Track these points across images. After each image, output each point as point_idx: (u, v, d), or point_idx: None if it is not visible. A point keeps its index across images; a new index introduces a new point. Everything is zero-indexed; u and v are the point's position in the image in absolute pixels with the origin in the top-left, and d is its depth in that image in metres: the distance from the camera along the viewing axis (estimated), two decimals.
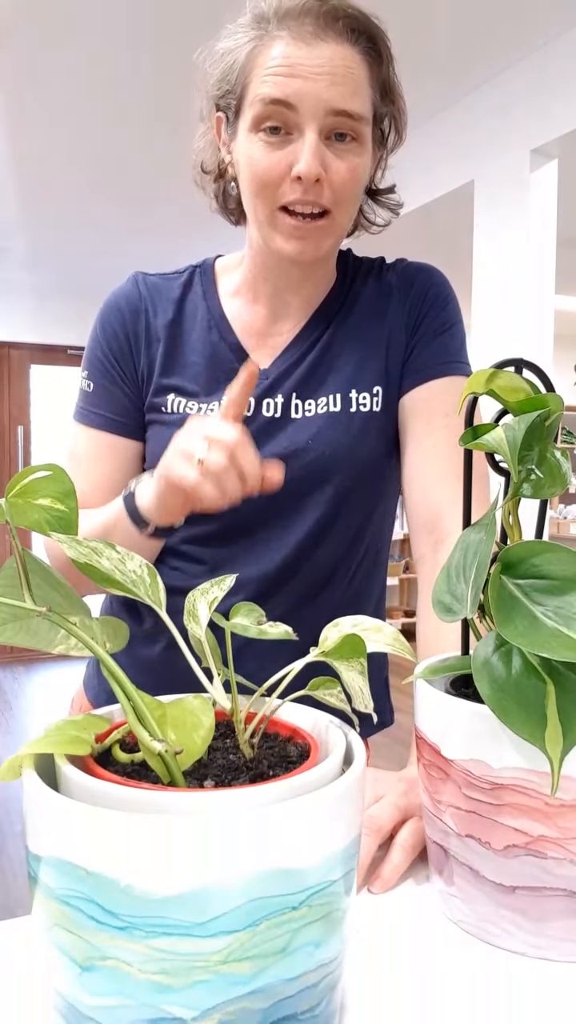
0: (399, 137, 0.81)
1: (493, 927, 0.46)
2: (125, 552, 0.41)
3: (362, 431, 0.80)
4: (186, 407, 0.81)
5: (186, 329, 0.84)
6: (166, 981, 0.30)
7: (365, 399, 0.81)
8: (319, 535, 0.80)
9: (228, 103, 0.75)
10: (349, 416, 0.80)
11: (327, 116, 0.69)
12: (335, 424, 0.80)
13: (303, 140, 0.69)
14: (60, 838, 0.31)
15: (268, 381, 0.81)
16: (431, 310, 0.83)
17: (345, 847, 0.34)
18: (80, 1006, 0.32)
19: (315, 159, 0.68)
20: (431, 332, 0.82)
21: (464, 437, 0.49)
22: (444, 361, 0.81)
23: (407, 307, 0.83)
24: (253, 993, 0.31)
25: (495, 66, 2.57)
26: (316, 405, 0.81)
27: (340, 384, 0.81)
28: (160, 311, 0.84)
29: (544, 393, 0.49)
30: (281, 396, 0.81)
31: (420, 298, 0.83)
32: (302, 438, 0.79)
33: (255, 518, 0.80)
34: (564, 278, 3.64)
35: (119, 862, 0.30)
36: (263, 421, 0.80)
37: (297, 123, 0.69)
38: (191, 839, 0.30)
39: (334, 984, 0.35)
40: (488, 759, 0.44)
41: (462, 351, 0.84)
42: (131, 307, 0.84)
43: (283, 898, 0.31)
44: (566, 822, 0.43)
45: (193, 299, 0.85)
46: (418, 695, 0.50)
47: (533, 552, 0.44)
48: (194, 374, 0.82)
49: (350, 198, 0.73)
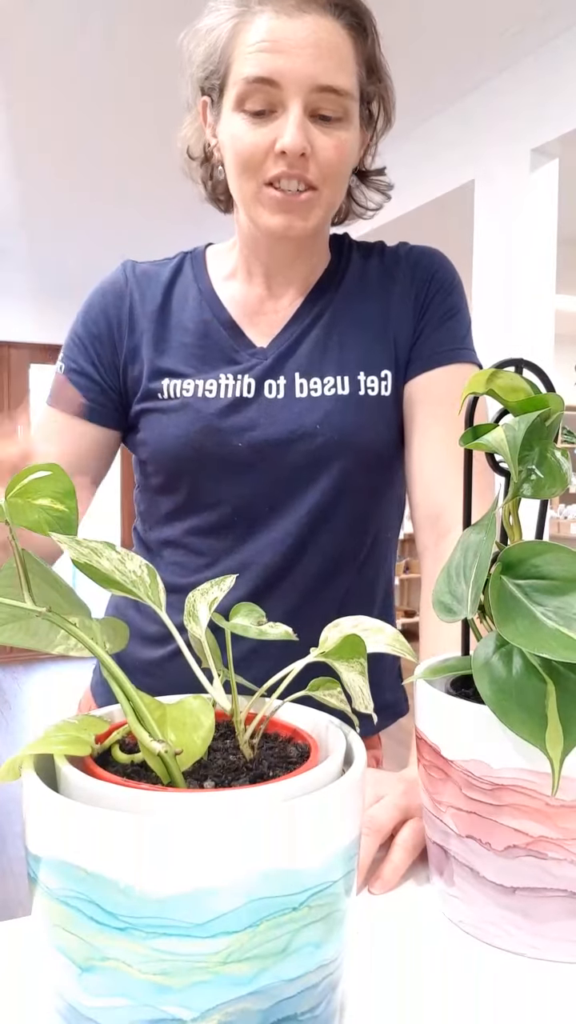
0: (388, 120, 0.79)
1: (493, 928, 0.46)
2: (125, 552, 0.40)
3: (372, 416, 0.78)
4: (181, 390, 0.79)
5: (175, 311, 0.82)
6: (166, 982, 0.30)
7: (374, 383, 0.79)
8: (323, 522, 0.78)
9: (212, 84, 0.73)
10: (359, 400, 0.78)
11: (311, 92, 0.67)
12: (344, 408, 0.77)
13: (287, 115, 0.67)
14: (60, 839, 0.31)
15: (269, 361, 0.79)
16: (438, 294, 0.81)
17: (345, 848, 0.34)
18: (80, 1007, 0.32)
19: (300, 132, 0.67)
20: (438, 317, 0.80)
21: (464, 437, 0.49)
22: (451, 348, 0.79)
23: (413, 291, 0.81)
24: (253, 994, 0.31)
25: (495, 66, 2.57)
26: (323, 386, 0.78)
27: (348, 366, 0.78)
28: (148, 297, 0.82)
29: (544, 393, 0.49)
30: (284, 377, 0.78)
31: (426, 282, 0.81)
32: (310, 421, 0.77)
33: (258, 505, 0.78)
34: (564, 278, 3.64)
35: (119, 863, 0.30)
36: (266, 403, 0.78)
37: (281, 100, 0.67)
38: (191, 840, 0.30)
39: (334, 985, 0.35)
40: (488, 760, 0.44)
41: (468, 337, 0.82)
42: (116, 292, 0.82)
43: (283, 899, 0.31)
44: (566, 823, 0.43)
45: (183, 283, 0.83)
46: (418, 695, 0.50)
47: (533, 552, 0.44)
48: (185, 355, 0.80)
49: (337, 175, 0.71)
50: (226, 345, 0.80)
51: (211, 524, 0.79)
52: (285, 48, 0.66)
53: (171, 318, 0.81)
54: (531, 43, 2.44)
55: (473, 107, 2.79)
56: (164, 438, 0.79)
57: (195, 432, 0.77)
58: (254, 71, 0.67)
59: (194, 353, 0.79)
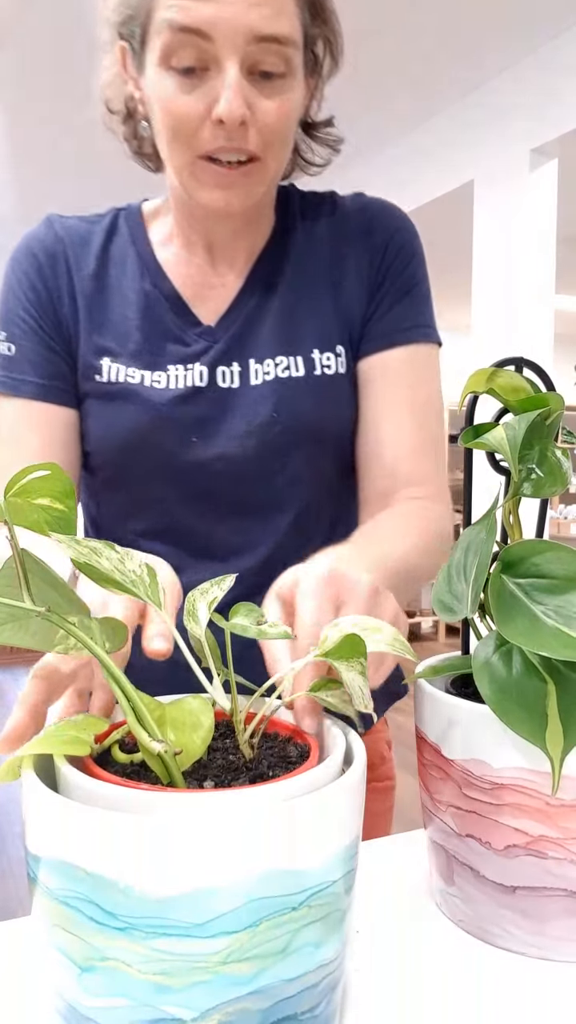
0: (335, 63, 0.69)
1: (493, 927, 0.46)
2: (124, 552, 0.40)
3: (329, 398, 0.71)
4: (126, 375, 0.70)
5: (113, 279, 0.72)
6: (166, 982, 0.30)
7: (329, 360, 0.71)
8: (297, 519, 0.73)
9: (131, 31, 0.63)
10: (315, 381, 0.70)
11: (249, 44, 0.58)
12: (299, 391, 0.70)
13: (222, 76, 0.58)
14: (59, 839, 0.31)
15: (220, 345, 0.71)
16: (396, 261, 0.73)
17: (345, 847, 0.34)
18: (80, 1007, 0.32)
19: (238, 98, 0.58)
20: (396, 290, 0.72)
21: (465, 436, 0.49)
22: (411, 326, 0.72)
23: (368, 255, 0.72)
24: (253, 994, 0.31)
25: (495, 66, 2.57)
26: (276, 367, 0.70)
27: (300, 343, 0.71)
28: (82, 260, 0.72)
29: (545, 392, 0.49)
30: (237, 363, 0.70)
31: (383, 247, 0.73)
32: (264, 410, 0.69)
33: (217, 502, 0.71)
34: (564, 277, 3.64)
35: (119, 863, 0.30)
36: (220, 393, 0.70)
37: (214, 55, 0.58)
38: (191, 840, 0.29)
39: (334, 984, 0.35)
40: (488, 759, 0.44)
41: (427, 312, 0.74)
42: (47, 253, 0.72)
43: (283, 899, 0.31)
44: (567, 822, 0.43)
45: (120, 244, 0.74)
46: (418, 695, 0.50)
47: (534, 551, 0.44)
48: (126, 331, 0.71)
49: (281, 141, 0.63)
50: (171, 323, 0.71)
51: (166, 525, 0.73)
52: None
53: (109, 286, 0.72)
54: (531, 43, 2.44)
55: (473, 107, 2.79)
56: (111, 427, 0.71)
57: (144, 424, 0.69)
58: (180, 18, 0.57)
59: (137, 328, 0.71)
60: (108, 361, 0.70)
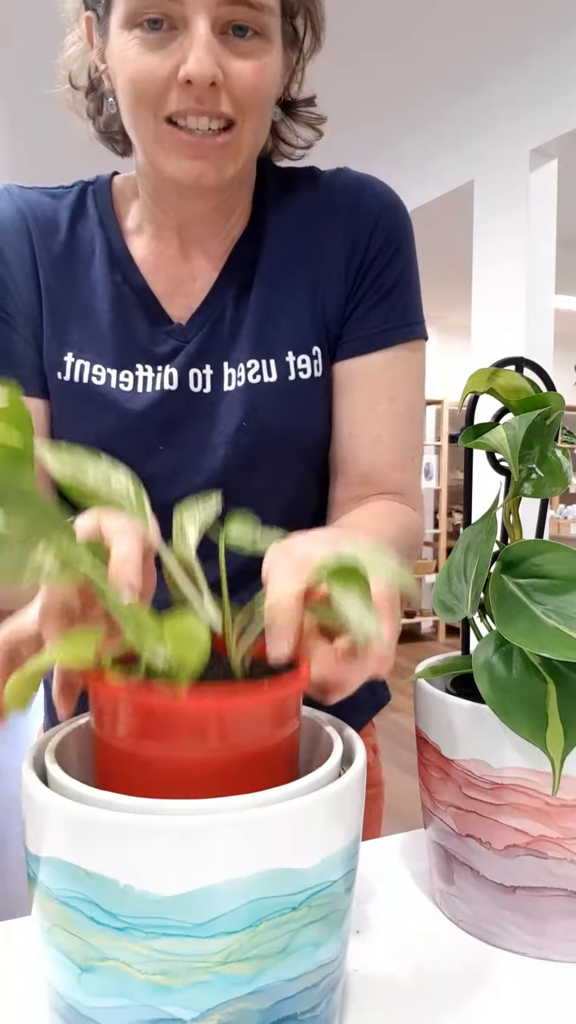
0: (316, 38, 0.65)
1: (494, 927, 0.46)
2: (111, 464, 0.37)
3: (304, 404, 0.66)
4: (91, 375, 0.65)
5: (80, 264, 0.66)
6: (166, 982, 0.30)
7: (305, 363, 0.65)
8: (277, 524, 0.70)
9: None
10: (289, 387, 0.65)
11: (220, 4, 0.54)
12: (273, 398, 0.64)
13: (191, 34, 0.54)
14: (59, 839, 0.31)
15: (192, 347, 0.65)
16: (381, 252, 0.66)
17: (345, 847, 0.34)
18: (80, 1007, 0.32)
19: (208, 57, 0.54)
20: (379, 286, 0.66)
21: (465, 436, 0.49)
22: (391, 327, 0.66)
23: (349, 242, 0.66)
24: (253, 994, 0.31)
25: (495, 66, 2.57)
26: (247, 372, 0.65)
27: (274, 345, 0.65)
28: (47, 239, 0.66)
29: (545, 392, 0.49)
30: (210, 367, 0.65)
31: (368, 233, 0.66)
32: (235, 419, 0.64)
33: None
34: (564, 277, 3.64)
35: (118, 863, 0.30)
36: (190, 398, 0.65)
37: (182, 14, 0.54)
38: (190, 840, 0.29)
39: (334, 985, 0.35)
40: (489, 759, 0.44)
41: (412, 305, 0.68)
42: (13, 229, 0.66)
43: (283, 899, 0.31)
44: (567, 822, 0.43)
45: (87, 226, 0.67)
46: (418, 695, 0.50)
47: (534, 551, 0.44)
48: (95, 325, 0.65)
49: (258, 105, 0.58)
50: (140, 320, 0.66)
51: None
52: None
53: (75, 272, 0.66)
54: (531, 44, 2.44)
55: (472, 108, 2.79)
56: (73, 431, 0.66)
57: (108, 428, 0.64)
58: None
59: (105, 322, 0.65)
60: (71, 357, 0.65)
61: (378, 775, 0.84)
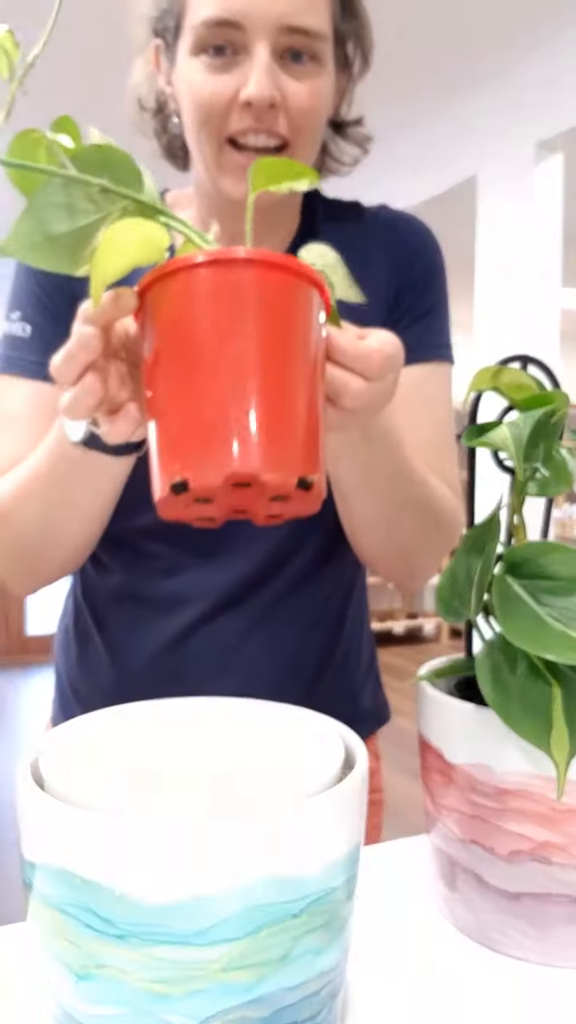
0: (366, 61, 0.71)
1: (497, 934, 0.46)
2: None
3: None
4: None
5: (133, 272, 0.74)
6: (164, 990, 0.30)
7: None
8: (300, 533, 0.72)
9: (165, 25, 0.65)
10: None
11: (280, 34, 0.60)
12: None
13: (252, 60, 0.60)
14: (55, 845, 0.30)
15: None
16: (419, 280, 0.73)
17: (346, 854, 0.33)
18: (77, 1015, 0.32)
19: (267, 80, 0.59)
20: (416, 310, 0.73)
21: (468, 435, 0.48)
22: (427, 344, 0.72)
23: (390, 271, 0.72)
24: (253, 1002, 0.31)
25: (500, 60, 2.56)
26: None
27: None
28: None
29: (550, 390, 0.49)
30: None
31: (408, 263, 0.73)
32: None
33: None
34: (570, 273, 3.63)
35: (114, 870, 0.29)
36: None
37: (244, 42, 0.60)
38: (188, 846, 0.29)
39: (335, 992, 0.35)
40: (492, 763, 0.43)
41: (446, 330, 0.75)
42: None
43: (283, 905, 0.31)
44: (572, 827, 0.42)
45: None
46: (421, 698, 0.49)
47: (539, 552, 0.44)
48: None
49: (311, 127, 0.64)
50: None
51: (166, 525, 0.70)
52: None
53: (130, 279, 0.74)
54: (536, 36, 2.43)
55: (476, 101, 2.77)
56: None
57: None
58: (214, 12, 0.59)
59: None
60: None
61: (379, 782, 0.84)
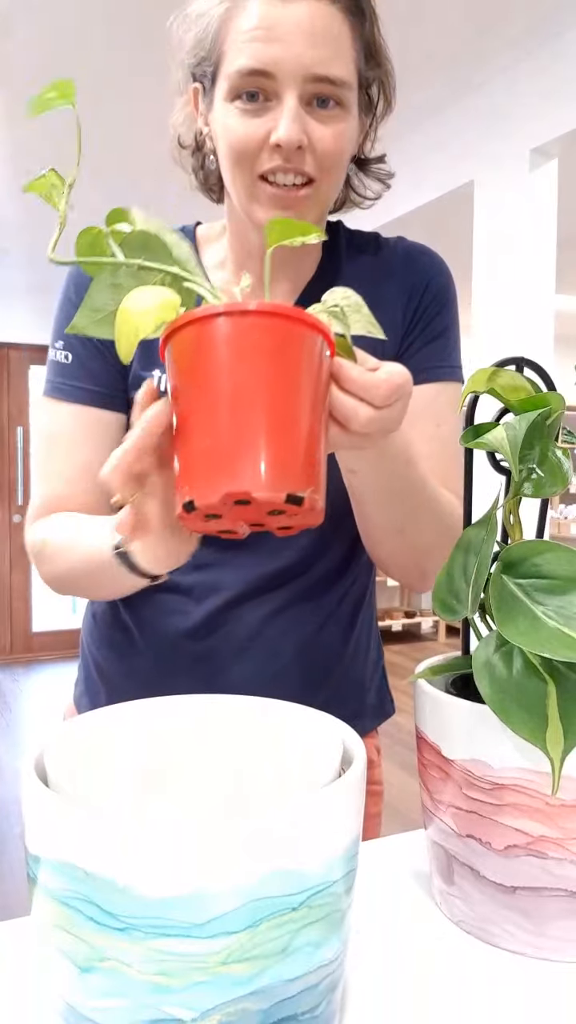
0: (388, 104, 0.76)
1: (494, 927, 0.46)
2: (180, 237, 0.47)
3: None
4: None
5: None
6: (165, 982, 0.30)
7: None
8: (324, 540, 0.76)
9: (204, 71, 0.71)
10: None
11: (307, 82, 0.65)
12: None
13: (282, 106, 0.65)
14: (59, 839, 0.31)
15: None
16: (431, 306, 0.79)
17: (346, 847, 0.34)
18: (79, 1007, 0.32)
19: (295, 125, 0.65)
20: (427, 333, 0.78)
21: (465, 436, 0.49)
22: (439, 365, 0.78)
23: (404, 296, 0.78)
24: (253, 994, 0.31)
25: (495, 66, 2.57)
26: None
27: None
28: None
29: (545, 392, 0.49)
30: None
31: (421, 291, 0.78)
32: None
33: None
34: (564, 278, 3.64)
35: (117, 863, 0.30)
36: None
37: (275, 90, 0.65)
38: (190, 840, 0.29)
39: (334, 985, 0.35)
40: (489, 759, 0.44)
41: (456, 353, 0.80)
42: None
43: (283, 899, 0.31)
44: (567, 822, 0.42)
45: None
46: (418, 695, 0.49)
47: (534, 551, 0.44)
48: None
49: (335, 166, 0.69)
50: None
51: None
52: (279, 36, 0.64)
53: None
54: (531, 43, 2.44)
55: (472, 107, 2.79)
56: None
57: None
58: (247, 63, 0.65)
59: None
60: (159, 372, 0.75)
61: (380, 774, 0.85)
